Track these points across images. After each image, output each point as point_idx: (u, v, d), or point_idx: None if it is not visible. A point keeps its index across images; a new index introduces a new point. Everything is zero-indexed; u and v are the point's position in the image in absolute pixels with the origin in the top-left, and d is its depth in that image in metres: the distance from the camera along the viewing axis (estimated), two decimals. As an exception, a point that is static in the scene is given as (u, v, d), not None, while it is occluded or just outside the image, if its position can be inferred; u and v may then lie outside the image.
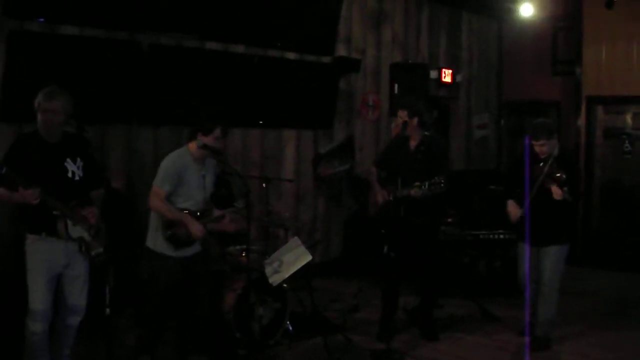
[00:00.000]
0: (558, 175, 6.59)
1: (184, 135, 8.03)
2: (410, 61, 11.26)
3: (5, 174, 5.01)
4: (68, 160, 5.46)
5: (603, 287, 9.86)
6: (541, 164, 6.79)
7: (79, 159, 5.53)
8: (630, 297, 9.33)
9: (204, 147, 5.98)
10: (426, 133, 7.27)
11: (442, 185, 6.77)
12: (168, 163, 5.89)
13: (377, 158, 7.91)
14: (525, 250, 7.06)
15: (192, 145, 5.97)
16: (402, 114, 7.23)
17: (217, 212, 6.18)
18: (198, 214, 5.95)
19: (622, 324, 8.02)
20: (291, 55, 9.53)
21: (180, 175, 5.83)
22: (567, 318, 7.78)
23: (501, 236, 8.86)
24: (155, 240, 5.89)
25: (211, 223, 6.23)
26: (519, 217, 7.01)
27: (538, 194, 6.77)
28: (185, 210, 5.88)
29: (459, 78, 12.23)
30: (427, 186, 6.80)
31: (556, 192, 6.62)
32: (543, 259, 6.98)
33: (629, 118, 11.22)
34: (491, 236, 8.91)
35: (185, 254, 5.93)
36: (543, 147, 6.82)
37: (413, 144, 7.25)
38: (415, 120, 7.17)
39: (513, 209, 7.10)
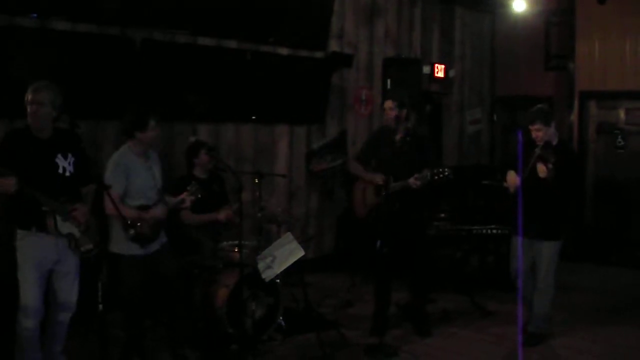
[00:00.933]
0: (548, 154, 6.59)
1: (176, 131, 8.09)
2: (403, 56, 11.25)
3: None
4: (59, 156, 5.45)
5: (595, 282, 9.88)
6: (535, 149, 6.74)
7: (70, 155, 5.51)
8: (622, 291, 9.35)
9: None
10: (409, 125, 7.24)
11: (446, 173, 6.76)
12: (112, 164, 5.91)
13: (359, 153, 7.72)
14: (518, 242, 7.04)
15: (131, 143, 5.98)
16: (391, 105, 7.14)
17: (172, 200, 6.20)
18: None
19: (614, 319, 8.04)
20: (284, 51, 9.52)
21: (127, 174, 5.85)
22: (560, 312, 7.79)
23: (494, 231, 8.85)
24: (120, 244, 5.86)
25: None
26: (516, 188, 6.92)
27: (531, 182, 6.72)
28: (140, 206, 5.91)
29: (451, 73, 12.23)
30: (429, 177, 6.79)
31: (541, 169, 6.61)
32: (538, 256, 6.97)
33: (621, 113, 11.23)
34: (484, 231, 8.90)
35: (151, 249, 5.96)
36: (539, 132, 6.77)
37: (398, 136, 7.16)
38: (405, 112, 7.13)
39: (512, 178, 7.01)
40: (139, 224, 5.75)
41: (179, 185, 6.67)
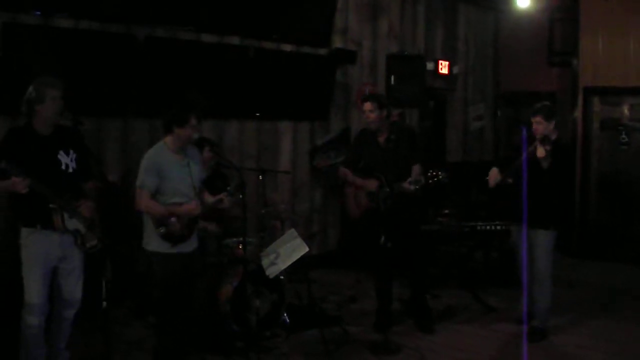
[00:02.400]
0: (546, 140, 6.77)
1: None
2: (406, 53, 11.24)
3: (3, 167, 5.01)
4: (61, 152, 5.46)
5: (599, 278, 9.86)
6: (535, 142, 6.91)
7: (72, 151, 5.52)
8: (625, 288, 9.33)
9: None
10: (391, 123, 7.24)
11: (440, 177, 6.77)
12: (145, 161, 5.67)
13: (346, 159, 7.73)
14: (522, 235, 7.12)
15: (168, 139, 5.74)
16: (371, 107, 7.06)
17: (211, 198, 6.00)
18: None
19: (616, 315, 8.02)
20: (287, 47, 9.52)
21: (160, 171, 5.60)
22: (563, 308, 7.79)
23: (498, 227, 8.83)
24: (152, 241, 5.67)
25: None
26: (499, 183, 7.15)
27: (528, 171, 6.83)
28: (174, 204, 5.65)
29: (455, 69, 12.22)
30: (423, 181, 6.80)
31: (540, 150, 6.74)
32: (534, 247, 7.07)
33: (625, 109, 11.19)
34: (488, 227, 8.88)
35: (183, 250, 5.72)
36: (539, 125, 6.93)
37: (382, 137, 7.18)
38: (385, 112, 7.12)
39: (493, 173, 7.24)
40: (172, 219, 5.59)
41: None
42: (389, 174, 6.93)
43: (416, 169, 6.93)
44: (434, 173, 6.82)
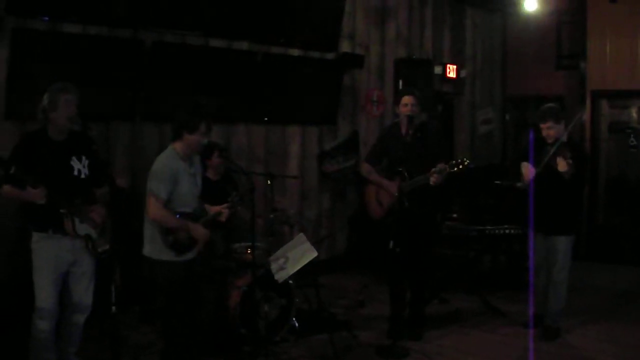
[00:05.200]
0: (565, 149, 6.58)
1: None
2: (414, 57, 11.24)
3: (14, 172, 5.03)
4: (74, 158, 5.48)
5: (608, 281, 9.84)
6: (548, 147, 6.78)
7: (84, 157, 5.54)
8: (634, 290, 9.32)
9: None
10: (421, 120, 7.20)
11: (466, 163, 6.70)
12: (160, 167, 5.52)
13: (369, 153, 7.62)
14: (530, 238, 7.17)
15: (178, 145, 5.61)
16: (413, 101, 7.00)
17: (212, 209, 5.92)
18: (193, 215, 5.66)
19: (626, 318, 8.00)
20: (295, 52, 9.53)
21: (174, 178, 5.49)
22: (572, 312, 7.75)
23: (506, 231, 8.83)
24: (156, 249, 5.56)
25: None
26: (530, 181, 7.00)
27: (546, 178, 6.77)
28: (183, 213, 5.58)
29: (463, 73, 12.21)
30: (448, 169, 6.73)
31: (561, 164, 6.59)
32: (553, 251, 7.04)
33: (634, 112, 11.19)
34: (496, 231, 8.88)
35: (187, 257, 5.64)
36: (550, 130, 6.83)
37: (410, 132, 7.09)
38: (419, 108, 7.11)
39: (527, 169, 7.05)
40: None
41: None
42: (412, 170, 6.88)
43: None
44: (460, 160, 6.77)
